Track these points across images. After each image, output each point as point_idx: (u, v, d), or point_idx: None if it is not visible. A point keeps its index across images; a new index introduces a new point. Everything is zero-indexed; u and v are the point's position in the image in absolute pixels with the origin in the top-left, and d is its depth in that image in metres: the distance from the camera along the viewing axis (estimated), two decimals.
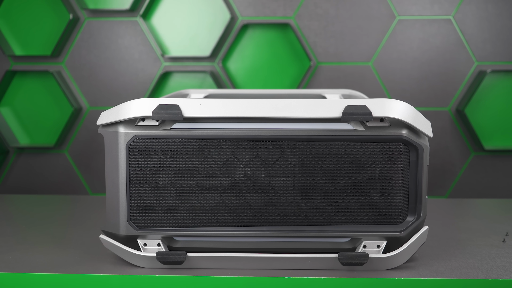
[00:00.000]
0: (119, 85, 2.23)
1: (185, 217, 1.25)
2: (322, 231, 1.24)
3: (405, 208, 1.24)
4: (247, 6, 2.18)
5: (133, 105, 1.21)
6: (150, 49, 2.21)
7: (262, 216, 1.25)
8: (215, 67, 2.21)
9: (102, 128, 1.25)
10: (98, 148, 2.24)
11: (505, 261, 1.31)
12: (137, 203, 1.25)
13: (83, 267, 1.25)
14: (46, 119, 2.26)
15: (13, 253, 1.36)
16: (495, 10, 2.15)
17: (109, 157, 1.24)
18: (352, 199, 1.24)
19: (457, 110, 2.18)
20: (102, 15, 2.21)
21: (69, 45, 2.22)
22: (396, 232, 1.24)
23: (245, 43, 2.22)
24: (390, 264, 1.24)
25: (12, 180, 2.28)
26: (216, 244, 1.26)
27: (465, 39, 2.16)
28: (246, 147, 1.23)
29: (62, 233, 1.56)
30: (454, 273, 1.22)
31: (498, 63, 2.17)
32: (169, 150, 1.23)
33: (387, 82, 2.19)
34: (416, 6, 2.17)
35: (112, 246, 1.27)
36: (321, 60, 2.19)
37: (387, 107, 1.19)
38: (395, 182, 1.23)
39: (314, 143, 1.23)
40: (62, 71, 2.23)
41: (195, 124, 1.23)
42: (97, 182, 2.27)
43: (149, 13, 2.22)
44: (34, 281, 1.22)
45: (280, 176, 1.24)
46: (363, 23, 2.18)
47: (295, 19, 2.18)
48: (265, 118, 1.21)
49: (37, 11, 2.21)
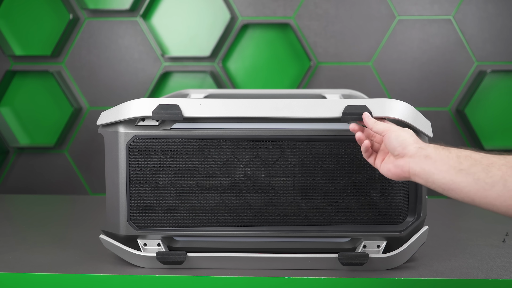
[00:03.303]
0: (119, 85, 2.23)
1: (185, 217, 1.25)
2: (322, 231, 1.24)
3: (405, 208, 1.24)
4: (247, 6, 2.18)
5: (133, 105, 1.21)
6: (150, 49, 2.21)
7: (262, 216, 1.25)
8: (215, 67, 2.21)
9: (102, 128, 1.25)
10: (98, 148, 2.24)
11: (505, 261, 1.31)
12: (137, 203, 1.25)
13: (83, 267, 1.25)
14: (46, 119, 2.26)
15: (13, 253, 1.36)
16: (495, 10, 2.15)
17: (109, 157, 1.24)
18: (352, 199, 1.24)
19: (457, 110, 2.18)
20: (102, 15, 2.21)
21: (69, 45, 2.22)
22: (396, 232, 1.24)
23: (245, 43, 2.22)
24: (390, 264, 1.24)
25: (12, 180, 2.28)
26: (216, 244, 1.26)
27: (465, 39, 2.16)
28: (246, 147, 1.23)
29: (62, 233, 1.56)
30: (454, 273, 1.22)
31: (498, 63, 2.17)
32: (169, 150, 1.23)
33: (387, 82, 2.19)
34: (416, 6, 2.17)
35: (112, 246, 1.27)
36: (321, 60, 2.19)
37: (387, 107, 1.19)
38: (395, 182, 1.23)
39: (314, 143, 1.23)
40: (62, 71, 2.23)
41: (195, 124, 1.23)
42: (97, 182, 2.27)
43: (149, 13, 2.22)
44: (34, 281, 1.22)
45: (280, 176, 1.24)
46: (363, 23, 2.18)
47: (295, 19, 2.18)
48: (265, 118, 1.21)
49: (37, 11, 2.21)
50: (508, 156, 0.93)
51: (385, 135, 1.07)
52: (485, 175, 0.92)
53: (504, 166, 0.91)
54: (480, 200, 0.93)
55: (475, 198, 0.93)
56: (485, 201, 0.92)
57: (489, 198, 0.91)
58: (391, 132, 1.07)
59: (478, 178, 0.92)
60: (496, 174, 0.91)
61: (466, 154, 0.96)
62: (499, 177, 0.90)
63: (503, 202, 0.90)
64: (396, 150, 1.04)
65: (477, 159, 0.94)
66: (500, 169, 0.91)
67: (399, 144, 1.04)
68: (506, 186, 0.90)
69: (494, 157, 0.94)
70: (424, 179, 1.00)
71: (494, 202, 0.91)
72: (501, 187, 0.90)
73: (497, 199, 0.91)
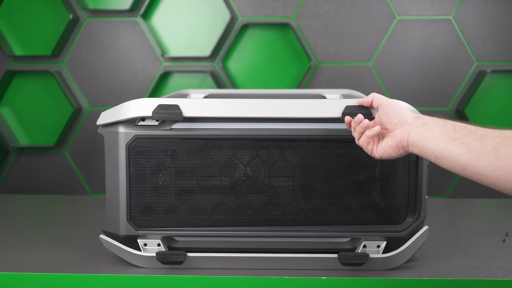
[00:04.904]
0: (119, 85, 2.23)
1: (185, 217, 1.25)
2: (322, 231, 1.24)
3: (405, 208, 1.24)
4: (247, 6, 2.18)
5: (133, 105, 1.21)
6: (150, 49, 2.21)
7: (262, 216, 1.25)
8: (215, 67, 2.21)
9: (102, 128, 1.25)
10: (98, 148, 2.24)
11: (505, 261, 1.31)
12: (137, 203, 1.25)
13: (83, 267, 1.25)
14: (46, 119, 2.26)
15: (13, 253, 1.36)
16: (495, 10, 2.15)
17: (109, 157, 1.24)
18: (352, 199, 1.24)
19: (457, 110, 2.18)
20: (102, 15, 2.21)
21: (69, 45, 2.22)
22: (396, 232, 1.24)
23: (245, 43, 2.22)
24: (390, 264, 1.24)
25: (12, 180, 2.28)
26: (216, 244, 1.26)
27: (465, 39, 2.16)
28: (246, 147, 1.23)
29: (62, 233, 1.56)
30: (454, 273, 1.22)
31: (498, 63, 2.17)
32: (169, 150, 1.23)
33: (387, 82, 2.19)
34: (416, 6, 2.17)
35: (112, 246, 1.27)
36: (321, 60, 2.19)
37: None
38: (395, 182, 1.23)
39: (314, 143, 1.23)
40: (62, 71, 2.23)
41: (195, 124, 1.23)
42: (97, 182, 2.27)
43: (149, 13, 2.22)
44: (34, 281, 1.22)
45: (280, 176, 1.24)
46: (363, 23, 2.18)
47: (295, 19, 2.18)
48: (265, 118, 1.21)
49: (37, 11, 2.21)
50: (503, 129, 0.95)
51: (381, 106, 1.10)
52: (478, 144, 0.93)
53: (498, 137, 0.93)
54: (472, 169, 0.94)
55: (466, 166, 0.95)
56: (476, 170, 0.93)
57: (480, 167, 0.93)
58: (390, 101, 1.10)
59: (471, 147, 0.94)
60: (489, 144, 0.92)
61: (462, 125, 0.99)
62: (492, 147, 0.92)
63: (493, 172, 0.91)
64: (395, 118, 1.06)
65: (472, 130, 0.97)
66: (493, 140, 0.92)
67: (398, 113, 1.07)
68: (498, 156, 0.91)
69: (489, 129, 0.95)
70: (420, 146, 1.02)
71: (485, 171, 0.92)
72: (493, 156, 0.91)
73: (488, 169, 0.92)
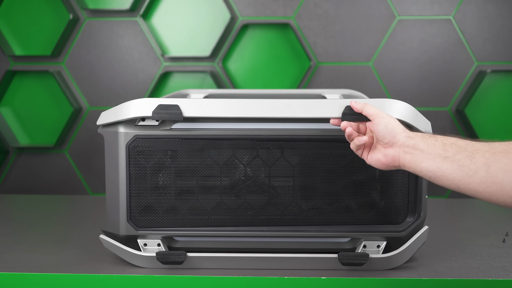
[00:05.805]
0: (119, 85, 2.23)
1: (185, 217, 1.25)
2: (322, 231, 1.24)
3: (405, 208, 1.24)
4: (247, 6, 2.18)
5: (133, 105, 1.21)
6: (150, 49, 2.21)
7: (262, 216, 1.25)
8: (215, 67, 2.21)
9: (102, 128, 1.25)
10: (98, 148, 2.24)
11: (505, 261, 1.31)
12: (137, 203, 1.25)
13: (83, 267, 1.25)
14: (46, 119, 2.26)
15: (13, 253, 1.36)
16: (495, 10, 2.15)
17: (109, 157, 1.24)
18: (352, 199, 1.24)
19: (457, 110, 2.18)
20: (102, 15, 2.21)
21: (69, 45, 2.22)
22: (396, 232, 1.24)
23: (245, 43, 2.22)
24: (390, 264, 1.24)
25: (12, 180, 2.28)
26: (216, 244, 1.26)
27: (465, 39, 2.16)
28: (246, 147, 1.23)
29: (62, 233, 1.56)
30: (454, 273, 1.22)
31: (498, 63, 2.17)
32: (169, 150, 1.23)
33: (387, 82, 2.19)
34: (416, 6, 2.17)
35: (112, 246, 1.27)
36: (321, 60, 2.19)
37: (387, 107, 1.19)
38: (395, 182, 1.23)
39: (314, 143, 1.23)
40: (62, 71, 2.23)
41: (195, 124, 1.23)
42: (97, 182, 2.27)
43: (149, 13, 2.22)
44: (34, 281, 1.22)
45: (280, 176, 1.24)
46: (363, 23, 2.18)
47: (295, 19, 2.18)
48: (265, 118, 1.21)
49: (37, 11, 2.21)
50: (492, 143, 0.94)
51: (374, 120, 1.09)
52: (469, 162, 0.93)
53: (488, 153, 0.92)
54: (465, 186, 0.94)
55: (460, 184, 0.94)
56: (469, 187, 0.93)
57: (472, 184, 0.93)
58: (380, 118, 1.08)
59: (462, 165, 0.94)
60: (479, 161, 0.92)
61: (452, 142, 0.98)
62: (483, 163, 0.91)
63: (486, 188, 0.91)
64: (386, 138, 1.06)
65: (462, 146, 0.96)
66: (483, 156, 0.92)
67: (389, 132, 1.06)
68: (489, 172, 0.90)
69: (479, 144, 0.95)
70: (413, 168, 1.02)
71: (478, 188, 0.92)
72: (484, 173, 0.91)
73: (480, 185, 0.92)
